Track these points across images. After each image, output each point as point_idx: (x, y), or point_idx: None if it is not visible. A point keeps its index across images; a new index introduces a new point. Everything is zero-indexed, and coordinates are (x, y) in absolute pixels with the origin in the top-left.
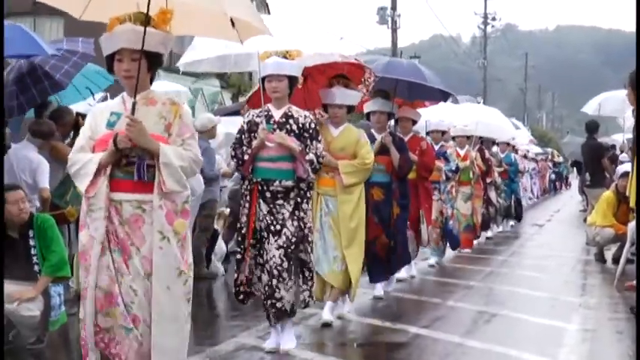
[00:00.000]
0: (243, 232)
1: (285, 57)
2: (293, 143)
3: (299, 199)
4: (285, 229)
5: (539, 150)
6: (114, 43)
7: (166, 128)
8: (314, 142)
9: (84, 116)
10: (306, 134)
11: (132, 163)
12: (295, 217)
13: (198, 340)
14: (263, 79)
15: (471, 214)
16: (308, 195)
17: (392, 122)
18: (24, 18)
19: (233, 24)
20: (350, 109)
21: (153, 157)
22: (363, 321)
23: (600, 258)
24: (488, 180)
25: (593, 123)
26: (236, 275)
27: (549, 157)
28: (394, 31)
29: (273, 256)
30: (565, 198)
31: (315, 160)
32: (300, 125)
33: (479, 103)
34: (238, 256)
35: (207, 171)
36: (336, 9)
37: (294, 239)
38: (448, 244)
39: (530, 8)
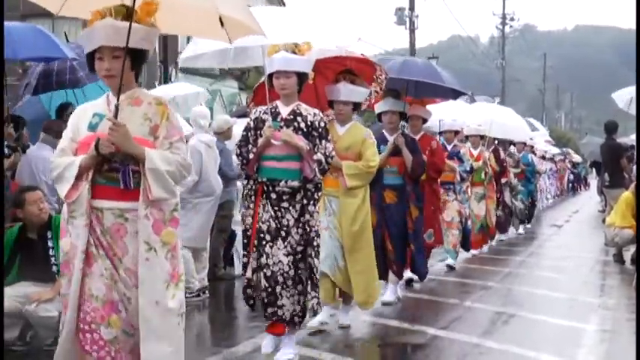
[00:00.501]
0: (248, 234)
1: (294, 52)
2: (300, 142)
3: (305, 201)
4: (290, 237)
5: (557, 150)
6: (93, 40)
7: (152, 131)
8: (323, 141)
9: None
10: (315, 133)
11: (115, 169)
12: (300, 224)
13: (216, 341)
14: (270, 76)
15: (484, 215)
16: (316, 196)
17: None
18: (43, 20)
19: (222, 23)
20: (356, 106)
21: (137, 163)
22: (381, 322)
23: (619, 259)
24: (503, 181)
25: (612, 123)
26: (245, 280)
27: (567, 157)
28: (412, 31)
29: (280, 261)
30: (584, 199)
31: (323, 161)
32: (309, 123)
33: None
34: (245, 260)
35: (226, 171)
36: (354, 9)
37: (299, 247)
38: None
39: (549, 8)
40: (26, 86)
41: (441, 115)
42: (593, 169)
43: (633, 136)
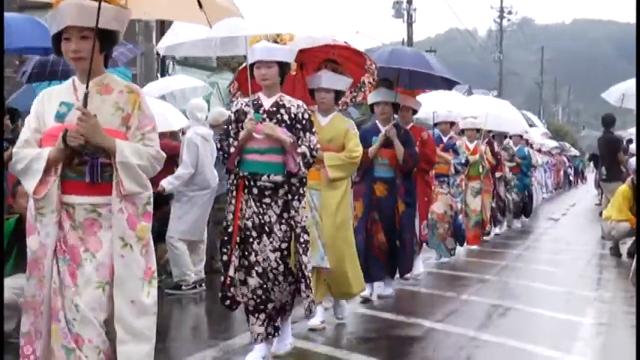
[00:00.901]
0: (229, 230)
1: (275, 41)
2: (283, 134)
3: (289, 196)
4: (273, 234)
5: (554, 144)
6: (59, 20)
7: (124, 121)
8: (307, 134)
9: None
10: (298, 125)
11: (85, 163)
12: (283, 220)
13: (213, 333)
14: (252, 66)
15: (480, 209)
16: (301, 191)
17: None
18: (40, 12)
19: (200, 5)
20: (338, 95)
21: (109, 156)
22: (378, 315)
23: (616, 252)
24: (497, 174)
25: (610, 117)
26: (223, 278)
27: (564, 151)
28: (410, 24)
29: (268, 258)
30: (581, 192)
31: (308, 154)
32: (292, 115)
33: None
34: (224, 258)
35: (221, 164)
36: (352, 2)
37: (283, 244)
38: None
39: (547, 2)
40: (23, 74)
41: (436, 106)
42: (591, 163)
43: (631, 130)
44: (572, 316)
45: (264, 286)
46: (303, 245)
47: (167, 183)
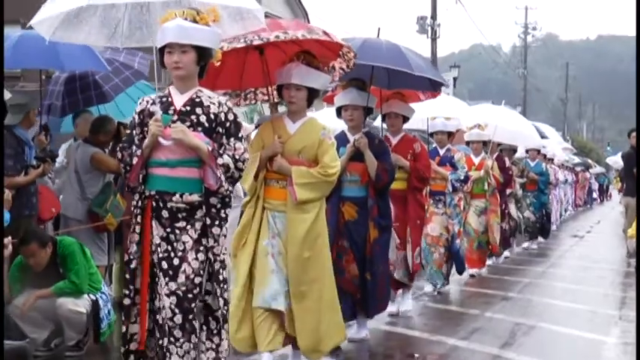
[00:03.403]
0: (132, 266)
1: (195, 21)
2: (198, 141)
3: (208, 221)
4: (184, 265)
5: (577, 160)
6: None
7: None
8: (232, 139)
9: (125, 125)
10: (220, 129)
11: None
12: (202, 248)
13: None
14: (162, 51)
15: (483, 230)
16: (222, 214)
17: (380, 120)
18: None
19: None
20: (312, 94)
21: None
22: (401, 332)
23: None
24: (508, 192)
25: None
26: (124, 328)
27: (588, 167)
28: (434, 40)
29: (164, 306)
30: (606, 209)
31: (231, 165)
32: (212, 116)
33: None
34: (126, 301)
35: None
36: (376, 17)
37: (197, 279)
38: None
39: (571, 18)
40: (49, 107)
41: (432, 113)
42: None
43: None
44: (596, 335)
45: (162, 343)
46: (222, 286)
47: None
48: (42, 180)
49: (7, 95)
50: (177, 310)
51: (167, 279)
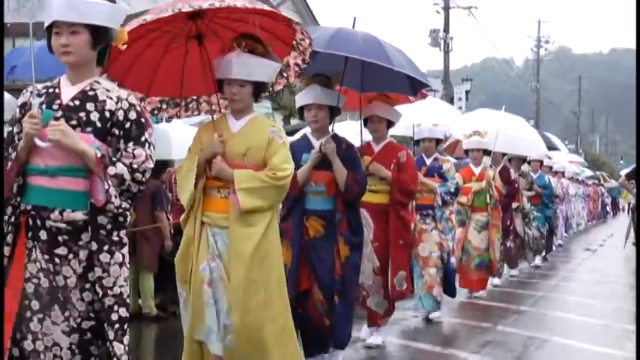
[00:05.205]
0: None
1: None
2: (84, 144)
3: (94, 246)
4: (69, 306)
5: (589, 173)
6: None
7: None
8: (130, 144)
9: None
10: (116, 130)
11: None
12: (88, 284)
13: None
14: (49, 30)
15: (486, 247)
16: (114, 238)
17: (359, 125)
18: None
19: None
20: (258, 88)
21: None
22: (413, 345)
23: None
24: (514, 205)
25: None
26: None
27: (601, 180)
28: (446, 53)
29: (57, 344)
30: (619, 223)
31: (127, 177)
32: (107, 114)
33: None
34: None
35: None
36: (389, 30)
37: (84, 323)
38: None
39: (584, 31)
40: None
41: (418, 117)
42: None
43: None
44: (609, 350)
45: None
46: (117, 326)
47: None
48: None
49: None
50: (76, 351)
51: (65, 314)
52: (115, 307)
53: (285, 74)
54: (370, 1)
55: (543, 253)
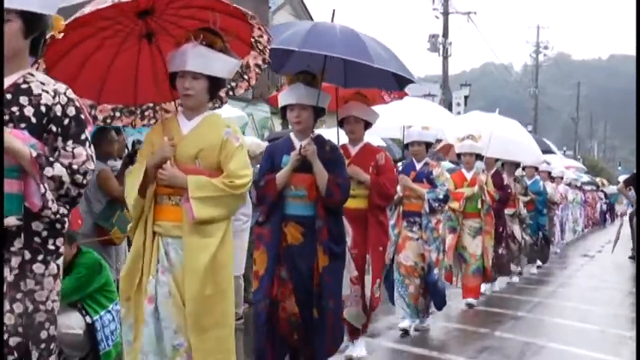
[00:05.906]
0: None
1: None
2: (18, 142)
3: (27, 255)
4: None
5: (587, 179)
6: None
7: None
8: (70, 142)
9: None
10: (53, 127)
11: None
12: (20, 294)
13: None
14: None
15: (481, 253)
16: (50, 247)
17: (340, 127)
18: None
19: None
20: (214, 84)
21: None
22: (410, 350)
23: None
24: (510, 211)
25: None
26: None
27: (599, 186)
28: (445, 58)
29: None
30: (616, 229)
31: (66, 179)
32: (43, 109)
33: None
34: None
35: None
36: (388, 36)
37: (13, 340)
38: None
39: (584, 37)
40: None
41: (409, 119)
42: None
43: None
44: (606, 356)
45: None
46: (43, 346)
47: None
48: None
49: None
50: None
51: None
52: (46, 325)
53: (245, 76)
54: (369, 5)
55: (538, 262)
